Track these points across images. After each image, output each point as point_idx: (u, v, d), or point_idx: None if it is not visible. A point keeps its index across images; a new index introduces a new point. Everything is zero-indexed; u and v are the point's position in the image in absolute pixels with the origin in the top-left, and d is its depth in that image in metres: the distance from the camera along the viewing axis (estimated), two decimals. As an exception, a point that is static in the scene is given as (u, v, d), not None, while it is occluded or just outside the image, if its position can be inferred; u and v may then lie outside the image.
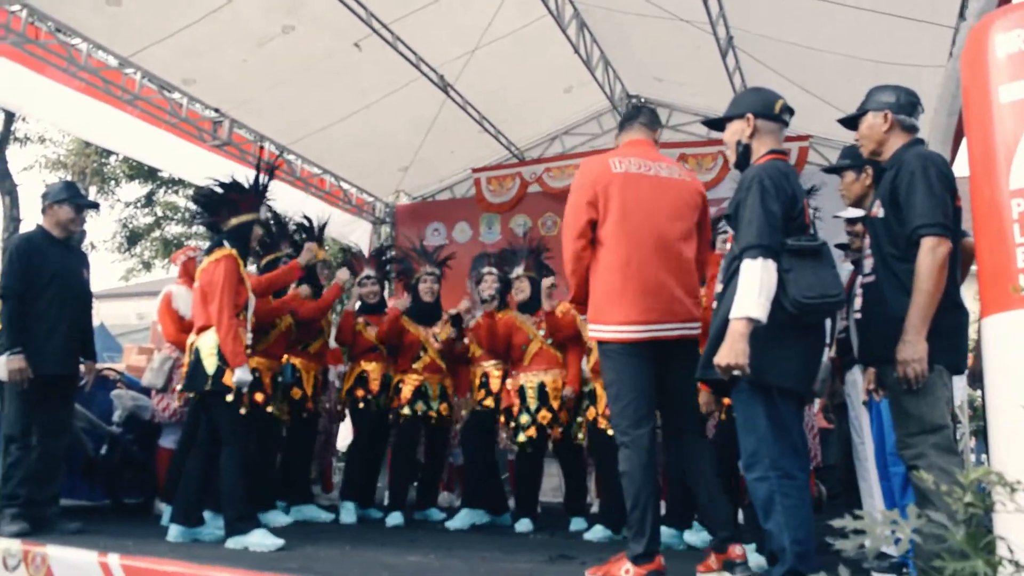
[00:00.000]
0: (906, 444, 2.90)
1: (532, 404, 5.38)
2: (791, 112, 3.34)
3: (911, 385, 2.84)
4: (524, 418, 5.37)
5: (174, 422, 5.54)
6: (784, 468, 2.96)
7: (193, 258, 5.82)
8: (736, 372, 2.93)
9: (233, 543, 4.26)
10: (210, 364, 4.40)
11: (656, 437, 3.53)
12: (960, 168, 3.15)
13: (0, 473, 4.58)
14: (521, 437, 5.40)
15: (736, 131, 3.30)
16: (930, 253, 2.85)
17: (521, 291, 5.64)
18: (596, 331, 3.57)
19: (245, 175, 4.90)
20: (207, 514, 4.62)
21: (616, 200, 3.55)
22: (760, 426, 3.00)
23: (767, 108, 3.26)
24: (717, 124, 3.43)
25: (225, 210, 4.75)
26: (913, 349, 2.82)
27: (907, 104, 3.16)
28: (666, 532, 4.67)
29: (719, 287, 3.21)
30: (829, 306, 3.01)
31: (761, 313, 2.89)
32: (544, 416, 5.36)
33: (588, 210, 3.59)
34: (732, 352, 2.90)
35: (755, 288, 2.90)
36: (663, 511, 5.47)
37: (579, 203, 3.63)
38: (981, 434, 9.77)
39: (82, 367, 4.90)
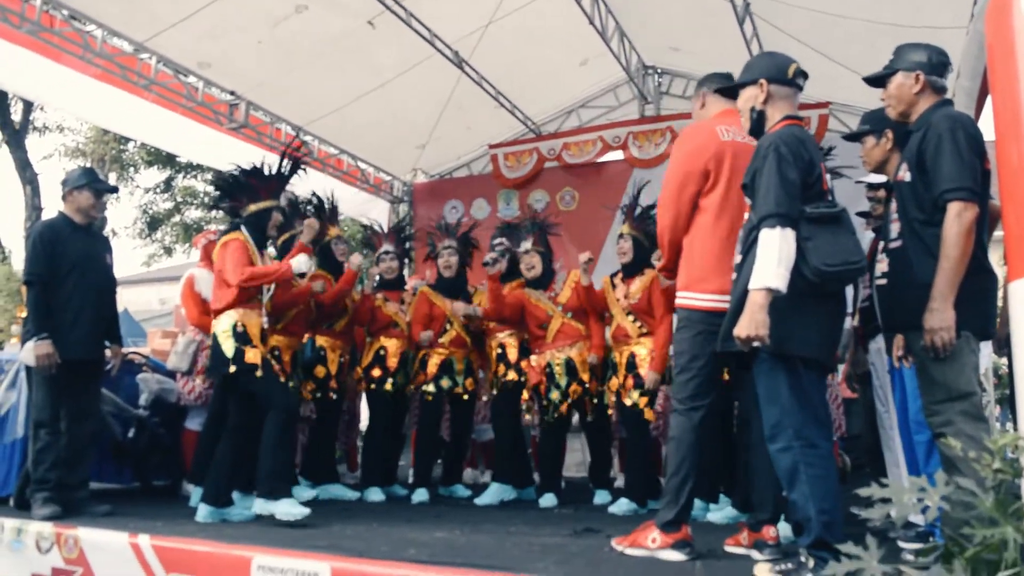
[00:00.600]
0: (933, 411, 2.88)
1: (562, 381, 5.37)
2: (805, 76, 3.28)
3: (938, 354, 2.81)
4: (555, 394, 5.36)
5: (199, 404, 5.58)
6: (807, 438, 2.94)
7: (213, 241, 5.84)
8: (756, 344, 2.91)
9: (260, 507, 4.34)
10: (228, 347, 4.48)
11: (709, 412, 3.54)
12: (986, 129, 3.09)
13: (30, 458, 4.65)
14: (552, 414, 5.39)
15: (750, 98, 3.24)
16: (957, 219, 2.80)
17: (532, 267, 5.59)
18: (688, 298, 3.55)
19: (263, 158, 4.92)
20: (235, 495, 4.67)
21: (724, 169, 3.52)
22: (783, 396, 2.98)
23: (780, 73, 3.21)
24: (731, 92, 3.38)
25: (244, 196, 4.81)
26: (941, 317, 2.79)
27: (938, 64, 3.10)
28: (695, 504, 4.67)
29: (737, 258, 3.18)
30: (851, 273, 2.97)
31: (780, 283, 2.86)
32: (576, 390, 5.36)
33: (698, 178, 3.53)
34: (752, 323, 2.87)
35: (774, 258, 2.87)
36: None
37: (689, 170, 3.55)
38: (1006, 402, 9.68)
39: (108, 352, 4.95)
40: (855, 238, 3.02)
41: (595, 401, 5.43)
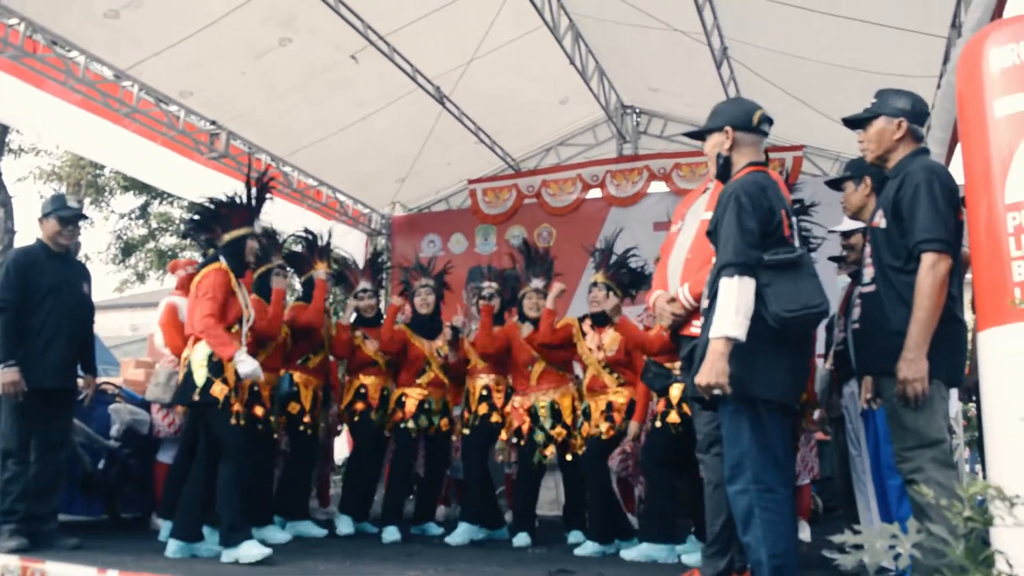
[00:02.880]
0: (904, 458, 2.91)
1: (546, 423, 5.37)
2: (770, 122, 3.33)
3: (910, 403, 2.85)
4: (540, 436, 5.36)
5: (176, 436, 5.51)
6: (765, 482, 2.96)
7: (191, 273, 5.81)
8: (716, 392, 2.93)
9: (226, 555, 4.28)
10: (200, 376, 4.43)
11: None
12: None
13: (-2, 488, 4.57)
14: (539, 456, 5.39)
15: (716, 143, 3.29)
16: (931, 270, 2.85)
17: (534, 308, 5.49)
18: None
19: (236, 190, 4.93)
20: (206, 530, 4.61)
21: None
22: (744, 440, 3.00)
23: (746, 120, 3.26)
24: (699, 136, 3.44)
25: (218, 226, 4.82)
26: (916, 368, 2.82)
27: (920, 113, 3.16)
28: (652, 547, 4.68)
29: (705, 303, 3.22)
30: (813, 317, 2.99)
31: (738, 332, 2.90)
32: (560, 432, 5.35)
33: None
34: (712, 371, 2.90)
35: (731, 307, 2.92)
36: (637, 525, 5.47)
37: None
38: (976, 445, 9.78)
39: (81, 381, 4.90)
40: (816, 281, 3.03)
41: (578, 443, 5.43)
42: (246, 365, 4.40)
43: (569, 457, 5.41)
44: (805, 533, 5.63)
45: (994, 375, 2.57)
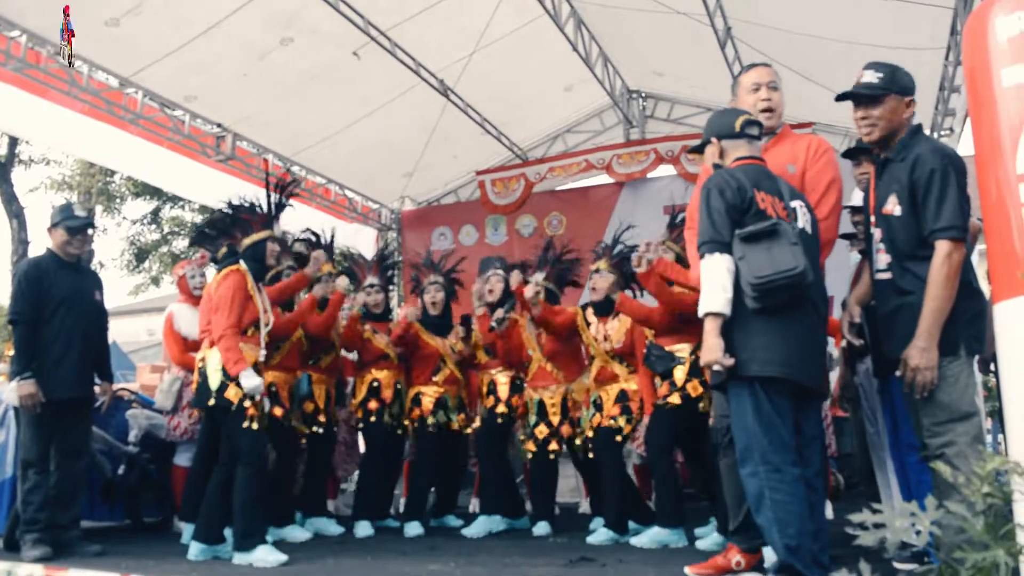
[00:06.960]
0: (934, 432, 2.86)
1: (531, 419, 5.45)
2: (757, 124, 3.38)
3: (919, 391, 2.82)
4: (522, 434, 5.49)
5: (185, 440, 5.54)
6: (773, 463, 2.98)
7: (184, 275, 5.81)
8: (716, 368, 3.00)
9: (239, 559, 4.27)
10: (215, 380, 4.42)
11: None
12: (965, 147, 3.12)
13: (19, 499, 4.59)
14: (530, 445, 5.46)
15: (711, 154, 3.40)
16: (947, 259, 2.82)
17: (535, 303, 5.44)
18: None
19: (253, 194, 4.92)
20: (227, 531, 4.62)
21: None
22: (748, 422, 3.02)
23: (728, 129, 3.34)
24: (699, 150, 3.51)
25: (238, 230, 4.81)
26: (928, 357, 2.80)
27: (914, 89, 3.11)
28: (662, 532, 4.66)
29: None
30: (785, 280, 2.92)
31: (720, 306, 2.99)
32: (541, 431, 5.39)
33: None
34: (706, 350, 3.01)
35: (707, 283, 3.03)
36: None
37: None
38: (997, 415, 9.71)
39: (98, 388, 4.92)
40: (794, 248, 2.97)
41: (572, 435, 5.43)
42: (249, 380, 4.37)
43: (578, 442, 5.40)
44: (827, 510, 5.60)
45: (1010, 348, 2.53)
